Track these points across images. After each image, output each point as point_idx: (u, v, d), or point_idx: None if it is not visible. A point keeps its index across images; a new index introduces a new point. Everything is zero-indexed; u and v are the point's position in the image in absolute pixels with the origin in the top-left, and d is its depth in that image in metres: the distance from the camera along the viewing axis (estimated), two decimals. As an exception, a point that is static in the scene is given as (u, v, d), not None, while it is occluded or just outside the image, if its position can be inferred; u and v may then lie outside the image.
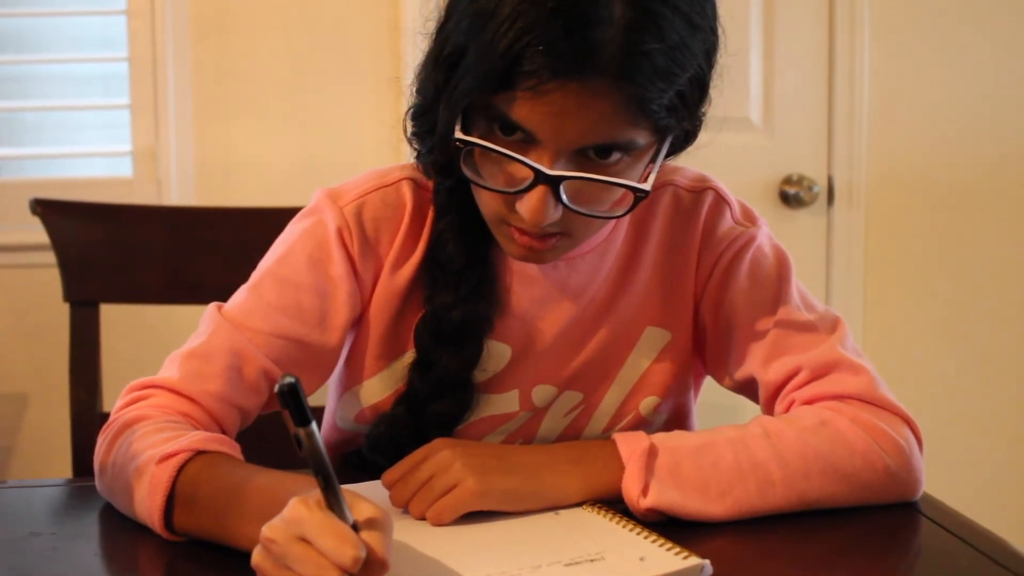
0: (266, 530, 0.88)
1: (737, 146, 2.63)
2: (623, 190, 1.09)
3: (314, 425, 0.84)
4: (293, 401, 0.82)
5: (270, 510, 0.90)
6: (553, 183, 1.04)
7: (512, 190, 1.06)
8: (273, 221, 1.33)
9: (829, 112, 2.68)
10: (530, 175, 1.04)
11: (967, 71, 2.70)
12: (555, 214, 1.06)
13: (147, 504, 1.05)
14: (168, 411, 1.14)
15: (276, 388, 0.82)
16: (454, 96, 1.06)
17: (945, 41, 2.69)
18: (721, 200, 1.27)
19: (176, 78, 2.48)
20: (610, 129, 1.03)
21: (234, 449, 1.10)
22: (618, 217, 1.14)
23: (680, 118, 1.07)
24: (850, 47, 2.65)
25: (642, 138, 1.06)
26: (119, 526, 1.11)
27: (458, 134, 1.06)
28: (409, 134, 1.17)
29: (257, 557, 0.89)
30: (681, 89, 1.05)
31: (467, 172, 1.08)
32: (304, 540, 0.86)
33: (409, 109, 1.16)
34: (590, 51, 1.00)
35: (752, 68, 2.65)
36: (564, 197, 1.05)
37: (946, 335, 2.76)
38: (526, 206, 1.06)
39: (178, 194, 2.49)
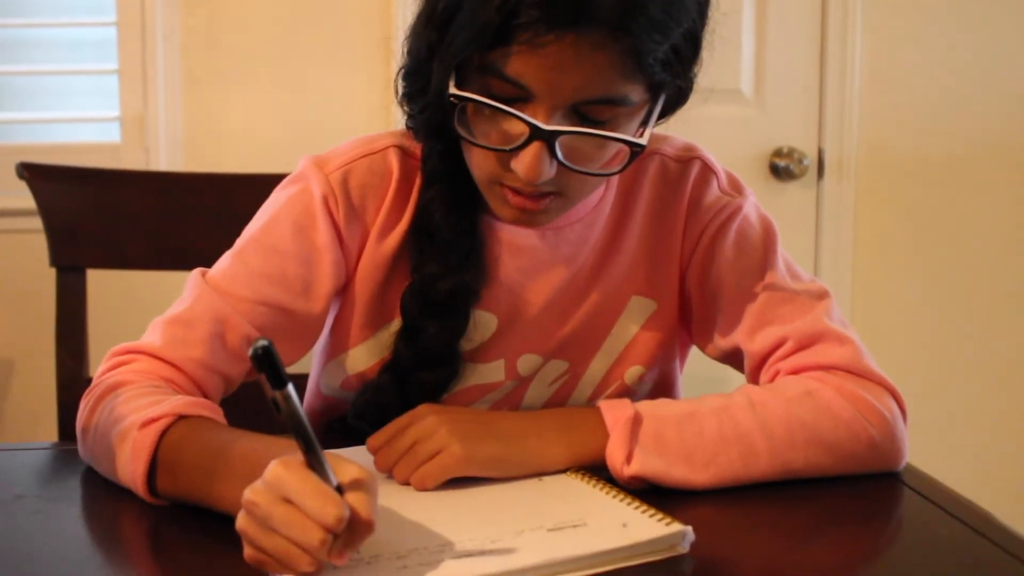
0: (248, 493, 0.88)
1: (727, 118, 2.62)
2: (617, 147, 1.09)
3: (291, 388, 0.84)
4: (268, 364, 0.82)
5: (254, 473, 0.90)
6: (549, 139, 1.04)
7: (507, 147, 1.06)
8: (261, 187, 1.32)
9: (820, 85, 2.68)
10: (525, 131, 1.04)
11: (959, 45, 2.69)
12: (550, 171, 1.06)
13: (130, 469, 1.05)
14: (150, 376, 1.14)
15: (250, 352, 0.81)
16: (449, 52, 1.05)
17: (937, 14, 2.68)
18: (708, 170, 1.27)
19: (165, 43, 2.46)
20: (606, 83, 1.03)
21: (217, 413, 1.09)
22: (613, 174, 1.14)
23: (674, 74, 1.07)
24: (842, 20, 2.65)
25: (636, 94, 1.06)
26: (103, 489, 1.11)
27: (452, 90, 1.05)
28: (400, 95, 1.16)
29: (241, 521, 0.89)
30: (676, 43, 1.05)
31: (460, 131, 1.08)
32: (287, 501, 0.86)
33: (400, 69, 1.15)
34: (586, 2, 0.99)
35: (743, 40, 2.64)
36: (559, 154, 1.05)
37: (934, 307, 2.77)
38: (521, 163, 1.06)
39: (166, 160, 2.48)
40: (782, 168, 2.68)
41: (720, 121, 2.59)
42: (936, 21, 2.68)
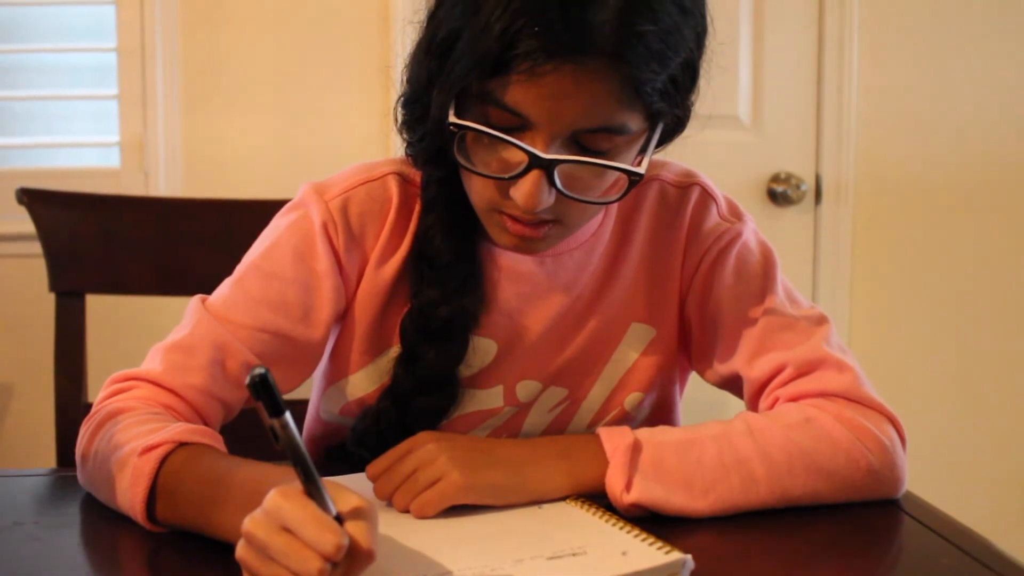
0: (247, 523, 0.88)
1: (725, 144, 2.63)
2: (616, 176, 1.09)
3: (288, 416, 0.84)
4: (265, 392, 0.82)
5: (253, 502, 0.90)
6: (548, 167, 1.04)
7: (506, 176, 1.06)
8: (260, 213, 1.33)
9: (817, 110, 2.69)
10: (524, 159, 1.05)
11: (955, 71, 2.70)
12: (549, 199, 1.07)
13: (129, 496, 1.05)
14: (151, 403, 1.14)
15: (247, 381, 0.81)
16: (448, 81, 1.06)
17: (933, 41, 2.70)
18: (707, 196, 1.27)
19: (164, 68, 2.47)
20: (604, 112, 1.04)
21: (217, 441, 1.09)
22: (611, 202, 1.15)
23: (672, 103, 1.08)
24: (839, 46, 2.66)
25: (634, 123, 1.06)
26: (102, 516, 1.11)
27: (452, 118, 1.06)
28: (400, 123, 1.17)
29: (241, 550, 0.89)
30: (673, 73, 1.06)
31: (460, 159, 1.08)
32: (286, 530, 0.86)
33: (400, 98, 1.16)
34: (586, 32, 1.00)
35: (741, 66, 2.65)
36: (558, 182, 1.05)
37: (932, 333, 2.77)
38: (520, 191, 1.06)
39: (165, 185, 2.49)
40: (780, 193, 2.69)
41: (718, 147, 2.59)
42: (932, 47, 2.70)
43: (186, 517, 1.03)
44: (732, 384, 1.28)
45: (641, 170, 1.08)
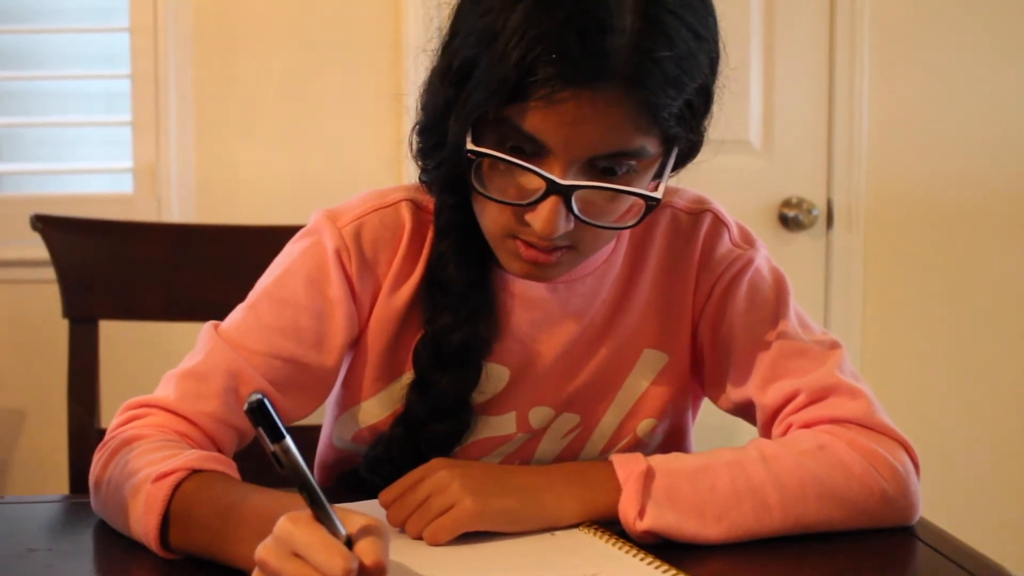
0: (259, 550, 0.88)
1: (737, 168, 2.63)
2: (631, 201, 1.10)
3: (289, 440, 0.84)
4: (263, 418, 0.82)
5: (266, 529, 0.90)
6: (566, 193, 1.05)
7: (523, 202, 1.07)
8: (273, 239, 1.33)
9: (829, 135, 2.69)
10: (542, 186, 1.05)
11: (966, 94, 2.70)
12: (566, 225, 1.07)
13: (143, 523, 1.05)
14: (165, 430, 1.14)
15: (245, 408, 0.81)
16: (465, 108, 1.06)
17: (944, 65, 2.70)
18: (719, 222, 1.27)
19: (178, 95, 2.48)
20: (622, 137, 1.04)
21: (230, 468, 1.09)
22: (627, 228, 1.15)
23: (687, 128, 1.09)
24: (850, 70, 2.66)
25: (651, 146, 1.07)
26: (115, 543, 1.11)
27: (470, 146, 1.06)
28: (415, 150, 1.17)
29: (254, 579, 0.90)
30: (689, 98, 1.06)
31: (476, 186, 1.08)
32: (296, 556, 0.86)
33: (415, 126, 1.16)
34: (603, 59, 1.01)
35: (752, 91, 2.66)
36: (575, 208, 1.06)
37: (945, 359, 2.76)
38: (538, 217, 1.06)
39: (178, 211, 2.49)
40: (791, 218, 2.69)
41: (729, 172, 2.59)
42: (943, 71, 2.70)
43: (199, 544, 1.03)
44: (745, 411, 1.28)
45: (658, 195, 1.09)
